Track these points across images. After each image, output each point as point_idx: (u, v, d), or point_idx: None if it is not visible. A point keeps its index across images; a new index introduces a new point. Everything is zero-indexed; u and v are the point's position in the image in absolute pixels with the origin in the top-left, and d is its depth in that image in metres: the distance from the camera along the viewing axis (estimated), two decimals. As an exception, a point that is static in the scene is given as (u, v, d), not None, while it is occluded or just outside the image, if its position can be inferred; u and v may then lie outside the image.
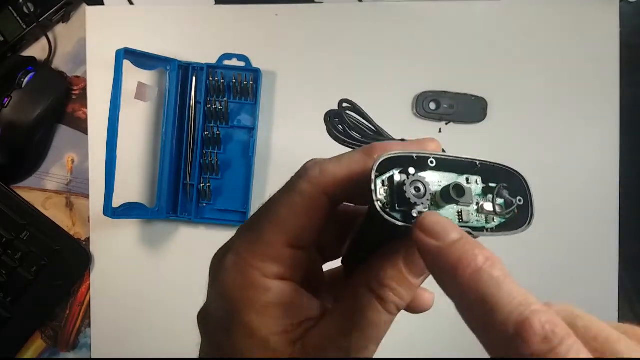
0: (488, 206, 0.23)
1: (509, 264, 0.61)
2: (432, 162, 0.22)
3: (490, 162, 0.23)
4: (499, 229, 0.23)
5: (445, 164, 0.23)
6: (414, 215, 0.21)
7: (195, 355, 0.26)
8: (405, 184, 0.21)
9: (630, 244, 0.59)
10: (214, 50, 0.60)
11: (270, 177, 0.60)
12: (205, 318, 0.26)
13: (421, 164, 0.22)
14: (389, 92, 0.59)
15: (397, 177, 0.22)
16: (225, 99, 0.59)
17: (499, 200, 0.23)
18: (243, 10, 0.61)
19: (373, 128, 0.31)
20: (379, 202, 0.21)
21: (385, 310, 0.23)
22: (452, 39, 0.60)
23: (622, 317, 0.58)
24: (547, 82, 0.59)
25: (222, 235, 0.51)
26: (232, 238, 0.26)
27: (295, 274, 0.24)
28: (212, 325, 0.25)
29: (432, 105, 0.59)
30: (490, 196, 0.23)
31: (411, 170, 0.22)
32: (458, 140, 0.59)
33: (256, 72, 0.58)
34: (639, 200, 0.59)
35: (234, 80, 0.58)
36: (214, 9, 0.61)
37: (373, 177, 0.21)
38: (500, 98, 0.59)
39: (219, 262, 0.25)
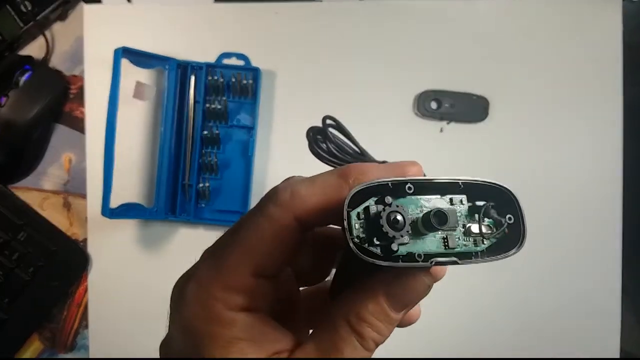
0: (475, 228, 0.22)
1: (512, 265, 0.61)
2: (410, 189, 0.21)
3: (474, 181, 0.22)
4: (489, 253, 0.22)
5: (425, 187, 0.21)
6: (394, 249, 0.20)
7: None
8: (381, 217, 0.20)
9: (633, 243, 0.58)
10: (213, 49, 0.60)
11: (270, 177, 0.60)
12: (168, 351, 0.24)
13: (398, 190, 0.21)
14: (389, 91, 0.59)
15: (373, 209, 0.20)
16: (224, 98, 0.59)
17: (487, 221, 0.22)
18: (242, 9, 0.60)
19: (357, 149, 0.30)
20: (355, 238, 0.20)
21: (362, 347, 0.22)
22: (453, 38, 0.59)
23: (625, 317, 0.58)
24: (549, 81, 0.59)
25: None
26: (195, 264, 0.24)
27: (262, 304, 0.23)
28: None
29: (433, 105, 0.58)
30: (477, 217, 0.22)
31: (388, 199, 0.20)
32: (459, 140, 0.59)
33: (255, 71, 0.58)
34: (641, 201, 0.59)
35: (233, 79, 0.58)
36: (213, 7, 0.61)
37: (346, 215, 0.20)
38: (502, 97, 0.59)
39: (180, 291, 0.23)
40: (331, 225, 0.26)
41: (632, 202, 0.58)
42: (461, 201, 0.22)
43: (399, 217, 0.20)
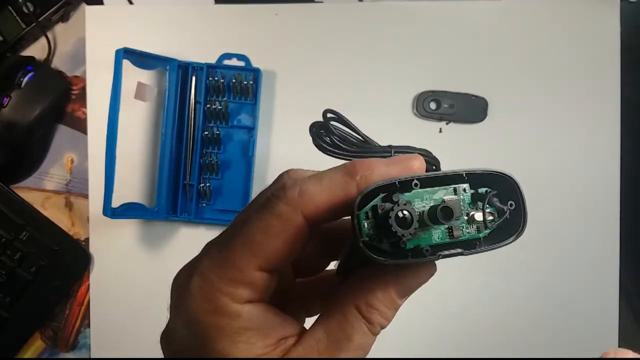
0: (479, 216, 0.22)
1: (509, 266, 0.61)
2: (416, 184, 0.21)
3: (478, 171, 0.22)
4: (491, 240, 0.22)
5: (430, 181, 0.22)
6: (402, 246, 0.20)
7: None
8: (390, 217, 0.20)
9: (631, 243, 0.58)
10: (214, 49, 0.60)
11: (270, 177, 0.60)
12: (170, 344, 0.25)
13: (405, 186, 0.21)
14: (389, 91, 0.59)
15: (382, 207, 0.21)
16: (225, 98, 0.59)
17: (489, 208, 0.22)
18: (243, 10, 0.60)
19: (360, 137, 0.30)
20: (365, 237, 0.21)
21: (370, 332, 0.23)
22: (452, 38, 0.60)
23: (622, 316, 0.58)
24: (548, 82, 0.59)
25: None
26: (198, 257, 0.24)
27: (265, 295, 0.24)
28: (180, 353, 0.24)
29: (433, 105, 0.59)
30: (480, 204, 0.22)
31: (396, 196, 0.21)
32: (458, 140, 0.59)
33: (256, 72, 0.58)
34: (639, 200, 0.59)
35: (234, 80, 0.58)
36: (214, 8, 0.61)
37: (356, 221, 0.20)
38: (501, 98, 0.59)
39: (184, 284, 0.24)
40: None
41: (629, 202, 0.58)
42: (464, 190, 0.23)
43: (407, 215, 0.20)
